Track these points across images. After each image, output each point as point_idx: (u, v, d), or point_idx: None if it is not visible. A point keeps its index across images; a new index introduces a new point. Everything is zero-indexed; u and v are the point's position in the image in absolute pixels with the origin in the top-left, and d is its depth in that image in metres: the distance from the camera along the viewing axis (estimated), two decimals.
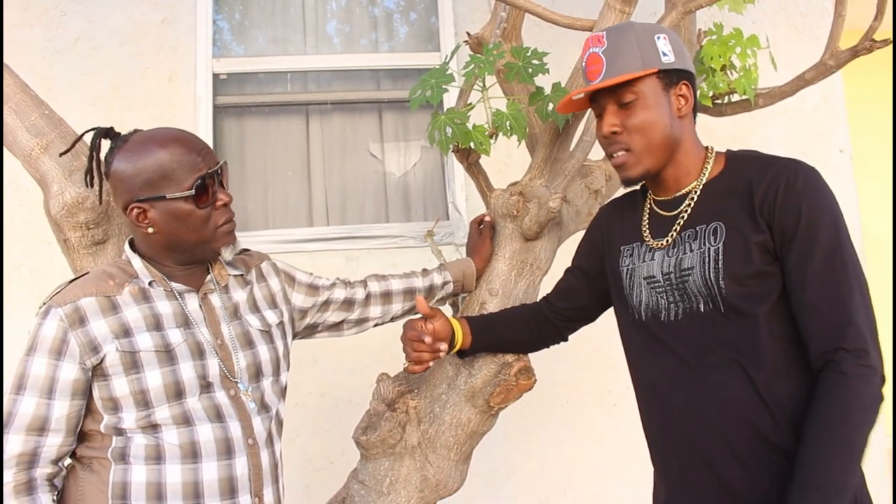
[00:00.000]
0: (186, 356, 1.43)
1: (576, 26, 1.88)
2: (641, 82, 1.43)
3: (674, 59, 1.44)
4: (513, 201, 1.90)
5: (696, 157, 1.50)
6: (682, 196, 1.50)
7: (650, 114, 1.43)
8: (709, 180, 1.47)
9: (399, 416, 1.81)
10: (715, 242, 1.39)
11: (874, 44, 2.10)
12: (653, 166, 1.46)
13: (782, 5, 3.53)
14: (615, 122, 1.45)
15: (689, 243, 1.44)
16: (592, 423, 3.18)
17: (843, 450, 1.25)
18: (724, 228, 1.39)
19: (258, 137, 3.33)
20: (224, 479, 1.42)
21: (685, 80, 1.46)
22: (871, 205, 4.11)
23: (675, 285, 1.44)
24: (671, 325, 1.46)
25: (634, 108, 1.43)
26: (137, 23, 3.19)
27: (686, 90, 1.46)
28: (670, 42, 1.45)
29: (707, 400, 1.39)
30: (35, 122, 1.76)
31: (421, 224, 3.25)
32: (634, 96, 1.42)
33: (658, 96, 1.43)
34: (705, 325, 1.40)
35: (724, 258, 1.37)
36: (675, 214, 1.49)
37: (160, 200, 1.42)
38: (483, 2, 3.29)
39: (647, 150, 1.44)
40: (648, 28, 1.46)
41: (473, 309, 1.91)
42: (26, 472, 1.35)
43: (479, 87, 1.92)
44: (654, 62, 1.42)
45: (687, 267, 1.42)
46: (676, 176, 1.50)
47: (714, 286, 1.38)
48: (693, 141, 1.50)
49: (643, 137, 1.44)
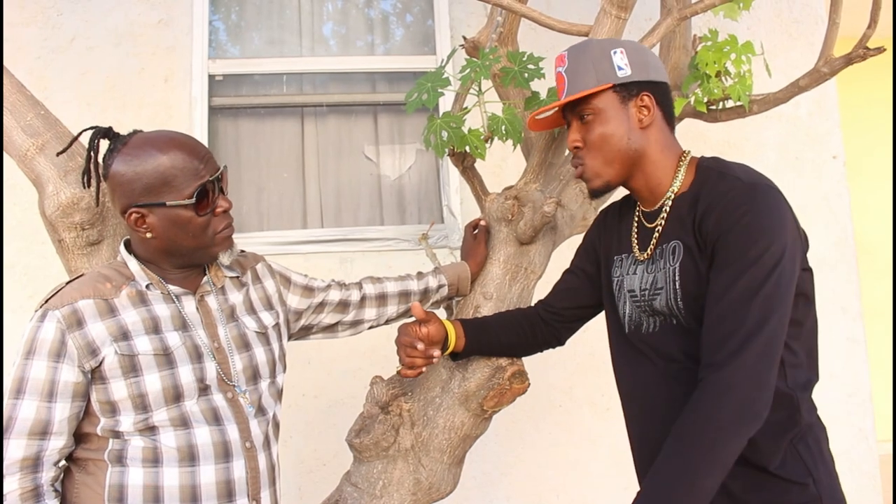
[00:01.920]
0: (185, 359, 1.43)
1: (572, 31, 1.89)
2: (597, 98, 1.47)
3: (630, 73, 1.47)
4: (508, 205, 1.91)
5: (667, 166, 1.50)
6: (659, 208, 1.51)
7: (607, 128, 1.47)
8: (679, 193, 1.48)
9: (392, 419, 1.81)
10: (673, 262, 1.42)
11: (868, 51, 2.12)
12: (612, 178, 1.51)
13: (777, 12, 3.54)
14: (576, 138, 1.51)
15: (659, 261, 1.47)
16: (585, 426, 3.19)
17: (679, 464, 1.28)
18: (682, 248, 1.41)
19: (253, 139, 3.33)
20: (221, 483, 1.42)
21: (647, 91, 1.48)
22: (863, 211, 4.14)
23: (647, 301, 1.48)
24: (650, 336, 1.49)
25: (592, 124, 1.48)
26: (134, 23, 3.18)
27: (648, 100, 1.47)
28: (627, 55, 1.48)
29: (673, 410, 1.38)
30: (31, 122, 1.75)
31: (416, 227, 3.25)
32: (591, 112, 1.48)
33: (615, 110, 1.47)
34: (678, 336, 1.43)
35: (679, 279, 1.40)
36: (654, 227, 1.51)
37: (160, 207, 1.41)
38: (479, 6, 3.29)
39: (604, 164, 1.49)
40: (605, 44, 1.50)
41: (468, 312, 1.91)
42: (32, 479, 1.34)
43: (475, 91, 1.92)
44: (608, 78, 1.46)
45: (659, 286, 1.45)
46: (649, 186, 1.51)
47: (674, 307, 1.41)
48: (660, 151, 1.50)
49: (600, 151, 1.49)
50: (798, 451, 1.38)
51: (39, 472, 1.35)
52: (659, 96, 1.49)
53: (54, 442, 1.36)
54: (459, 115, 1.94)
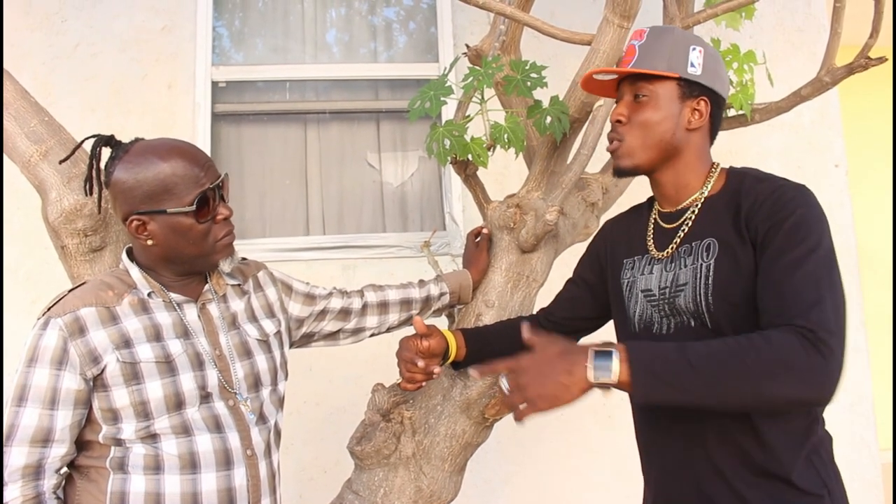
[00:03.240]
0: (186, 367, 1.43)
1: (574, 40, 1.89)
2: (659, 83, 1.45)
3: (700, 73, 1.45)
4: (510, 213, 1.91)
5: (699, 172, 1.50)
6: (683, 209, 1.50)
7: (657, 115, 1.45)
8: (709, 196, 1.48)
9: (394, 427, 1.81)
10: (707, 259, 1.40)
11: (870, 61, 2.12)
12: (643, 163, 1.48)
13: (779, 21, 3.55)
14: (623, 112, 1.49)
15: (685, 258, 1.44)
16: (587, 435, 3.18)
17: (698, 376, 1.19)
18: (717, 245, 1.40)
19: (256, 145, 3.33)
20: (222, 490, 1.42)
21: (706, 97, 1.47)
22: (866, 220, 4.13)
23: (668, 300, 1.45)
24: (662, 339, 1.46)
25: (644, 106, 1.46)
26: (138, 29, 3.20)
27: (703, 106, 1.46)
28: (704, 57, 1.46)
29: (693, 418, 1.38)
30: (34, 128, 1.76)
31: (418, 234, 3.25)
32: (648, 94, 1.46)
33: (671, 101, 1.45)
34: (696, 339, 1.39)
35: (714, 275, 1.37)
36: (676, 227, 1.50)
37: (160, 214, 1.41)
38: (482, 14, 3.29)
39: (642, 146, 1.47)
40: (688, 36, 1.48)
41: (469, 321, 1.91)
42: (33, 486, 1.34)
43: (478, 100, 1.93)
44: (678, 68, 1.44)
45: (682, 283, 1.43)
46: (676, 185, 1.51)
47: (702, 303, 1.38)
48: (697, 157, 1.50)
49: (641, 133, 1.46)
50: (813, 462, 1.36)
51: (41, 480, 1.35)
52: (714, 108, 1.49)
53: (56, 449, 1.36)
54: (462, 123, 1.94)
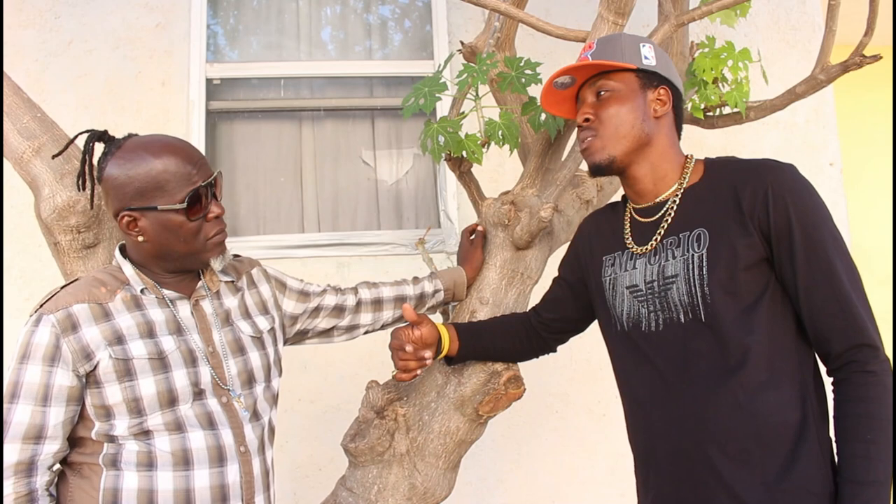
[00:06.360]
0: (179, 363, 1.43)
1: (569, 37, 1.89)
2: (618, 76, 1.49)
3: (655, 64, 1.49)
4: (504, 210, 1.91)
5: (674, 163, 1.52)
6: (661, 203, 1.51)
7: (622, 107, 1.48)
8: (689, 186, 1.49)
9: (388, 424, 1.81)
10: (699, 249, 1.40)
11: (864, 59, 2.12)
12: (618, 155, 1.49)
13: (774, 19, 3.55)
14: (589, 111, 1.51)
15: (672, 250, 1.44)
16: (581, 433, 3.19)
17: (888, 446, 1.26)
18: (709, 235, 1.40)
19: (251, 143, 3.33)
20: (216, 487, 1.42)
21: (665, 86, 1.50)
22: (861, 218, 4.14)
23: (658, 294, 1.45)
24: (651, 335, 1.46)
25: (608, 101, 1.49)
26: (131, 26, 3.19)
27: (665, 95, 1.50)
28: (654, 50, 1.52)
29: (687, 417, 1.38)
30: (27, 124, 1.75)
31: (412, 232, 3.25)
32: (609, 89, 1.49)
33: (633, 93, 1.48)
34: (686, 336, 1.40)
35: (708, 265, 1.37)
36: (656, 220, 1.50)
37: (151, 211, 1.41)
38: (477, 11, 3.30)
39: (613, 138, 1.49)
40: (635, 37, 1.53)
41: (464, 317, 1.91)
42: (26, 483, 1.33)
43: (472, 97, 1.93)
44: (633, 61, 1.48)
45: (670, 275, 1.42)
46: (654, 177, 1.51)
47: (697, 294, 1.37)
48: (669, 146, 1.52)
49: (611, 125, 1.48)
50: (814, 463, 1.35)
51: (34, 477, 1.34)
52: (674, 98, 1.52)
53: (49, 446, 1.35)
54: (456, 120, 1.94)
